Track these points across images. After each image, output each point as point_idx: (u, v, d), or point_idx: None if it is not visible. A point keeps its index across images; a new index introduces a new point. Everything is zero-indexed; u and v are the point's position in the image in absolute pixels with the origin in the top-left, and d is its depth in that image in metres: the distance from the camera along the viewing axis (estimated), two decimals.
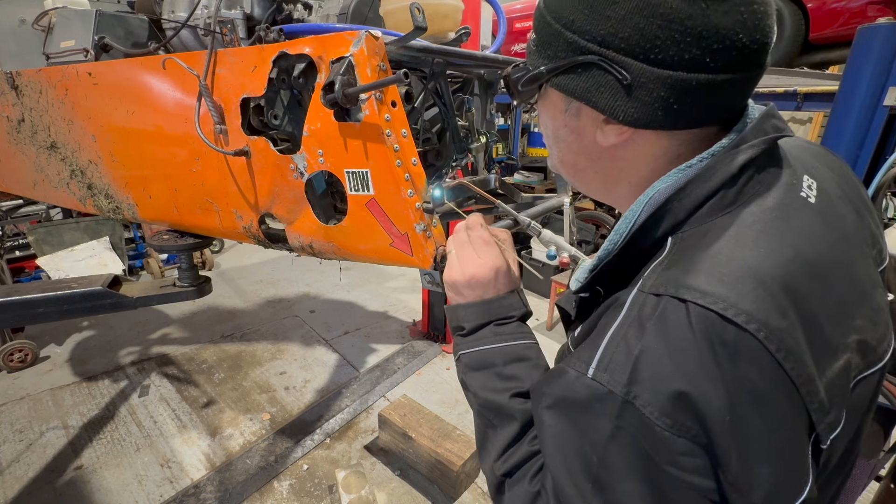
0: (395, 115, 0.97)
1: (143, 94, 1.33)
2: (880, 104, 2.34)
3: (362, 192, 1.03)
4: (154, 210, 1.51)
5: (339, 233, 1.13)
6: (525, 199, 1.71)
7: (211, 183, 1.29)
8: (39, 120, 1.64)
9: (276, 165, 1.13)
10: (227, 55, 1.14)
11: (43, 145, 1.68)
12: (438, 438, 2.36)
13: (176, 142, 1.31)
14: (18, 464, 2.46)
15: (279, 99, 1.14)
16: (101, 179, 1.58)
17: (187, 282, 1.73)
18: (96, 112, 1.45)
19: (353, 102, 0.95)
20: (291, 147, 1.15)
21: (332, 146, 1.03)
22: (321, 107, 0.99)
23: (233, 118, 1.16)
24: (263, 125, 1.17)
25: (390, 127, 0.96)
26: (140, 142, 1.39)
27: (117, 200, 1.58)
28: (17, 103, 1.67)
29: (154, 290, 1.69)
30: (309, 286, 4.86)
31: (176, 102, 1.27)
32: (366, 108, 0.95)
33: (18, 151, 1.80)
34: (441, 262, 1.09)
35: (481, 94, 1.69)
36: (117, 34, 1.50)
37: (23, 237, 4.12)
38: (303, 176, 1.11)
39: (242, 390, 3.11)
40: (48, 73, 1.53)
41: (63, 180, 1.70)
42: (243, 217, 1.28)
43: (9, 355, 3.21)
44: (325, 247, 1.19)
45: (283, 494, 2.30)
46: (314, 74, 1.03)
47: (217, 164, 1.24)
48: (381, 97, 0.95)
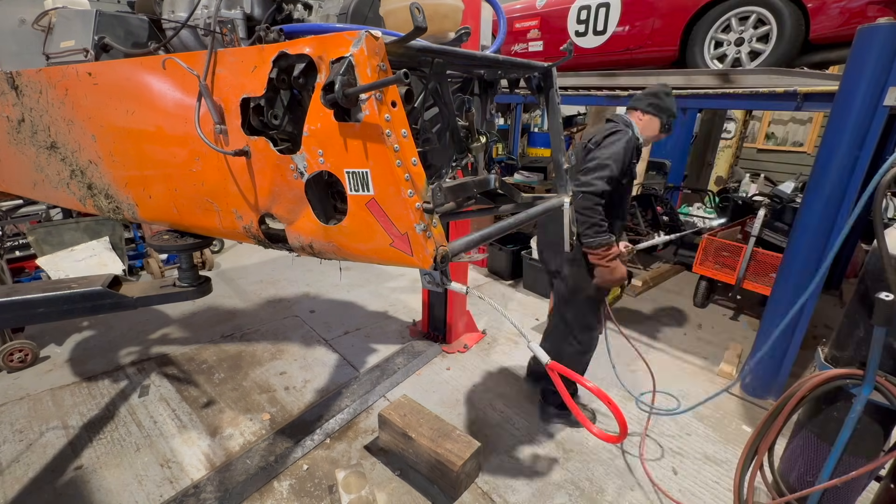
0: (395, 116, 0.98)
1: (143, 94, 1.33)
2: (880, 104, 2.34)
3: (362, 192, 1.03)
4: (154, 210, 1.51)
5: (340, 233, 1.13)
6: (525, 199, 1.71)
7: (211, 183, 1.29)
8: (39, 120, 1.63)
9: (276, 165, 1.13)
10: (227, 55, 1.14)
11: (43, 145, 1.68)
12: (438, 438, 2.36)
13: (176, 142, 1.31)
14: (18, 464, 2.46)
15: (279, 99, 1.14)
16: (101, 179, 1.58)
17: (187, 282, 1.73)
18: (96, 112, 1.45)
19: (353, 103, 0.96)
20: (291, 147, 1.15)
21: (332, 146, 1.03)
22: (321, 107, 0.99)
23: (233, 118, 1.16)
24: (263, 125, 1.17)
25: (390, 127, 0.96)
26: (140, 142, 1.39)
27: (117, 200, 1.58)
28: (17, 103, 1.67)
29: (154, 290, 1.69)
30: (309, 286, 4.86)
31: (176, 102, 1.26)
32: (366, 109, 0.96)
33: (18, 151, 1.80)
34: (441, 263, 1.09)
35: (481, 95, 1.69)
36: (117, 34, 1.50)
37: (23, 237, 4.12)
38: (303, 176, 1.11)
39: (242, 390, 3.11)
40: (48, 73, 1.53)
41: (63, 180, 1.70)
42: (243, 217, 1.28)
43: (9, 355, 3.21)
44: (326, 247, 1.19)
45: (283, 494, 2.30)
46: (314, 74, 1.03)
47: (217, 164, 1.24)
48: (381, 97, 0.95)
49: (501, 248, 5.07)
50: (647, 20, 3.65)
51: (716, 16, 3.29)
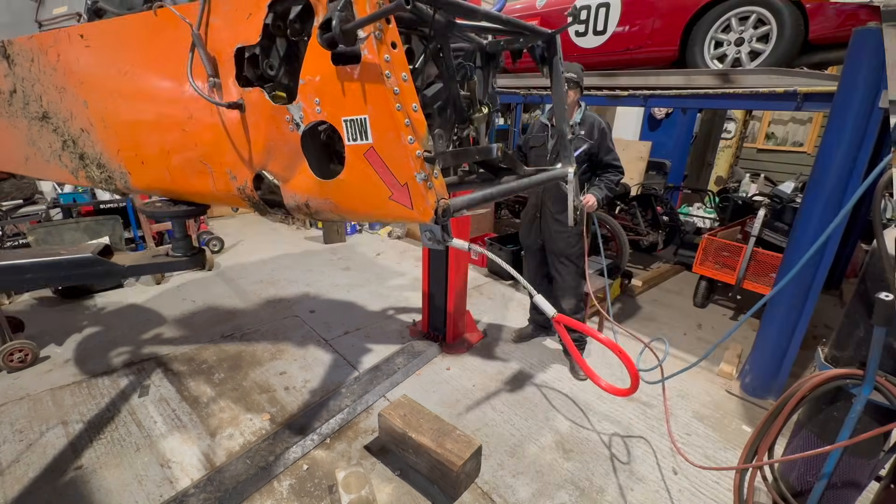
0: (395, 57, 0.92)
1: (135, 52, 1.27)
2: (876, 106, 2.34)
3: (360, 140, 0.98)
4: (147, 177, 1.47)
5: (337, 188, 1.07)
6: (528, 170, 1.68)
7: (204, 142, 1.24)
8: (31, 90, 1.59)
9: (272, 117, 1.08)
10: (221, 3, 1.10)
11: (35, 116, 1.63)
12: (438, 438, 2.36)
13: (168, 101, 1.26)
14: (18, 464, 2.46)
15: (275, 48, 1.09)
16: (94, 148, 1.53)
17: (180, 251, 1.68)
18: (89, 76, 1.41)
19: (351, 41, 0.90)
20: (287, 101, 1.10)
21: (329, 93, 0.98)
22: (318, 53, 0.94)
23: (227, 72, 1.11)
24: (258, 77, 1.12)
25: (390, 68, 0.91)
26: (133, 104, 1.34)
27: (109, 169, 1.53)
28: (8, 73, 1.61)
29: (146, 259, 1.64)
30: (309, 286, 4.86)
31: (169, 59, 1.22)
32: (364, 48, 0.90)
33: (10, 125, 1.75)
34: (443, 216, 1.03)
35: (483, 67, 1.63)
36: (112, 0, 1.48)
37: (23, 237, 4.12)
38: (299, 128, 1.06)
39: (242, 390, 3.11)
40: (40, 38, 1.47)
41: (55, 152, 1.66)
42: (237, 177, 1.23)
43: (9, 355, 3.21)
44: (322, 205, 1.14)
45: (283, 494, 2.30)
46: (311, 18, 0.98)
47: (210, 121, 1.19)
48: (380, 36, 0.90)
49: (502, 248, 5.07)
50: (648, 20, 3.65)
51: (716, 15, 3.30)
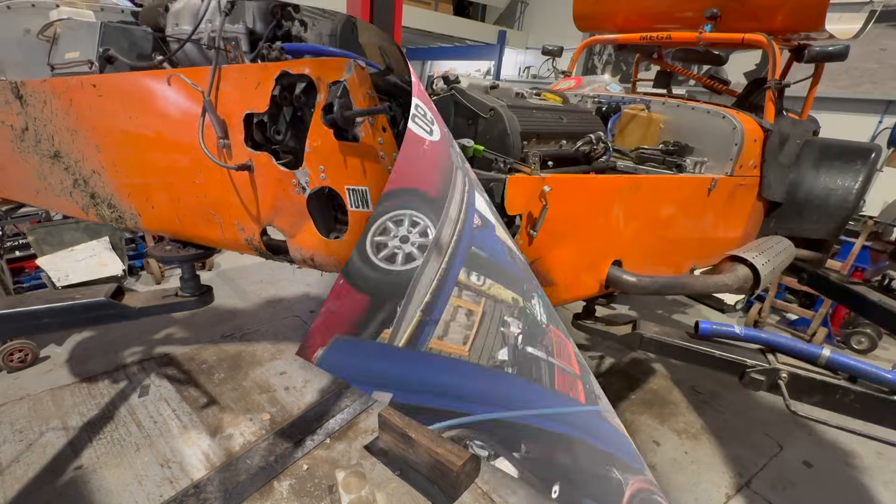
0: (386, 139, 1.04)
1: (147, 106, 1.34)
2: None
3: (363, 208, 1.07)
4: (157, 220, 1.53)
5: (341, 247, 1.16)
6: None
7: (214, 195, 1.31)
8: (43, 129, 1.65)
9: (279, 180, 1.16)
10: (231, 72, 1.17)
11: (46, 154, 1.69)
12: (438, 438, 2.38)
13: (179, 154, 1.33)
14: (18, 464, 2.47)
15: (282, 115, 1.17)
16: (105, 189, 1.59)
17: (189, 291, 1.76)
18: (101, 123, 1.46)
19: (350, 124, 1.02)
20: (293, 162, 1.18)
21: (332, 163, 1.06)
22: (322, 125, 1.03)
23: (236, 133, 1.18)
24: (266, 140, 1.20)
25: (383, 150, 1.03)
26: (144, 153, 1.41)
27: (120, 210, 1.59)
28: (21, 112, 1.67)
29: (156, 300, 1.71)
30: (309, 286, 4.88)
31: (180, 116, 1.28)
32: (361, 131, 1.02)
33: (22, 160, 1.80)
34: None
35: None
36: (122, 46, 1.51)
37: (23, 237, 4.12)
38: (305, 191, 1.13)
39: (242, 390, 3.13)
40: (53, 83, 1.54)
41: (66, 189, 1.71)
42: (245, 229, 1.30)
43: (9, 355, 3.22)
44: (327, 260, 1.21)
45: (284, 494, 2.33)
46: (314, 93, 1.07)
47: (220, 176, 1.26)
48: (373, 121, 1.02)
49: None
50: None
51: None
